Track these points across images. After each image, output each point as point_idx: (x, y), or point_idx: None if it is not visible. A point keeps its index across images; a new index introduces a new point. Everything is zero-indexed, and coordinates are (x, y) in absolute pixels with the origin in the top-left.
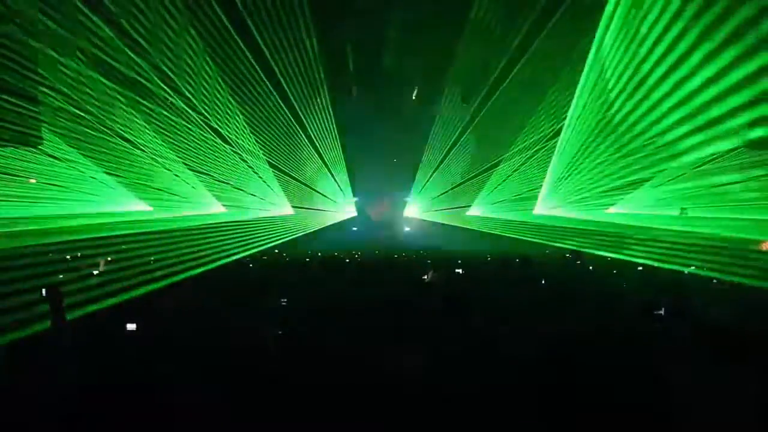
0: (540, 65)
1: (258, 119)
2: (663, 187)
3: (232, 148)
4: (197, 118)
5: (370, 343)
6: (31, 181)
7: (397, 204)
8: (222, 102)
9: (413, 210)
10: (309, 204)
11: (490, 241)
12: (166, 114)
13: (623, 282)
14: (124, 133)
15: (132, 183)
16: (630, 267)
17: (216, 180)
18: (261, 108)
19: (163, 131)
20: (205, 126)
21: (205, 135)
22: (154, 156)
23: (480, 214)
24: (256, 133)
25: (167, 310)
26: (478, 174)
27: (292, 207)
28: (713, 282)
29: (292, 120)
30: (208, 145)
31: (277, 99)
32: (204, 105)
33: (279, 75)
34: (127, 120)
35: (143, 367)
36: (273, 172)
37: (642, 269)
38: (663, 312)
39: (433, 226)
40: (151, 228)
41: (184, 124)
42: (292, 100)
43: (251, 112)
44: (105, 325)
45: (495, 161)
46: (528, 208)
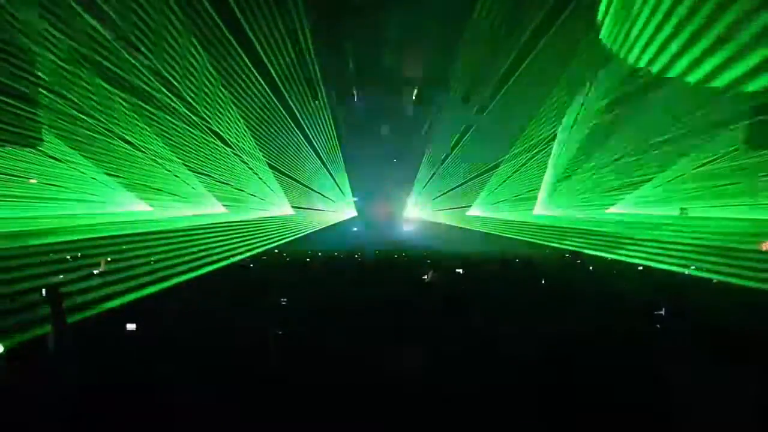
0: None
1: (257, 120)
2: (663, 187)
3: (232, 149)
4: (198, 120)
5: (370, 343)
6: (32, 181)
7: (397, 204)
8: (222, 104)
9: (413, 210)
10: (309, 204)
11: (490, 241)
12: (166, 115)
13: (623, 282)
14: (124, 135)
15: (132, 183)
16: (630, 267)
17: (216, 181)
18: (260, 109)
19: (164, 132)
20: (206, 128)
21: (206, 137)
22: (154, 157)
23: (480, 214)
24: (255, 135)
25: (167, 310)
26: (478, 175)
27: (292, 207)
28: (713, 282)
29: (290, 122)
30: (208, 146)
31: (276, 101)
32: (204, 107)
33: (278, 75)
34: (128, 121)
35: (143, 368)
36: (273, 173)
37: (642, 269)
38: (663, 312)
39: (433, 226)
40: (151, 228)
41: (184, 125)
42: (291, 101)
43: (251, 113)
44: (105, 326)
45: (495, 162)
46: (528, 208)
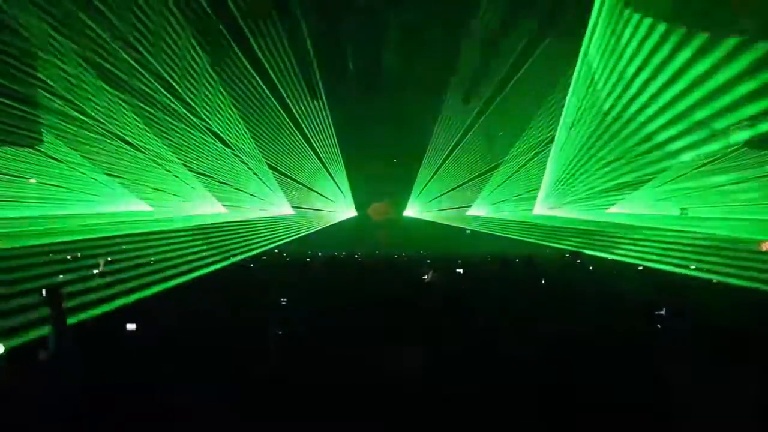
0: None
1: (257, 121)
2: (663, 188)
3: (232, 151)
4: (197, 121)
5: (370, 343)
6: (32, 181)
7: (397, 204)
8: (223, 105)
9: (413, 210)
10: (308, 204)
11: (490, 241)
12: (167, 116)
13: (623, 282)
14: (125, 136)
15: (133, 184)
16: (630, 267)
17: (216, 181)
18: (260, 110)
19: (164, 133)
20: (205, 128)
21: (205, 137)
22: (155, 158)
23: (480, 214)
24: (255, 136)
25: (167, 310)
26: (478, 175)
27: (291, 207)
28: (713, 282)
29: (290, 123)
30: (207, 147)
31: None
32: (205, 108)
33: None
34: (129, 122)
35: (143, 368)
36: (273, 173)
37: (642, 269)
38: (663, 312)
39: (433, 226)
40: (152, 228)
41: (184, 126)
42: (290, 102)
43: (250, 114)
44: (105, 326)
45: (495, 163)
46: (528, 208)
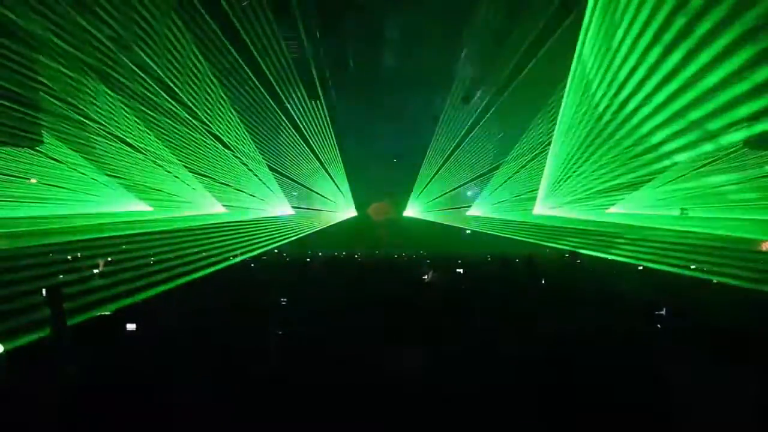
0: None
1: (255, 121)
2: (663, 188)
3: (232, 152)
4: (197, 122)
5: (370, 343)
6: (32, 181)
7: (397, 204)
8: (223, 106)
9: (413, 210)
10: (308, 204)
11: (490, 241)
12: (167, 117)
13: (623, 282)
14: (125, 137)
15: (133, 184)
16: (630, 267)
17: (216, 182)
18: (260, 110)
19: (164, 134)
20: (205, 129)
21: (205, 138)
22: (155, 158)
23: (480, 214)
24: (254, 136)
25: (167, 310)
26: (478, 176)
27: (291, 207)
28: (713, 282)
29: (289, 124)
30: (207, 147)
31: (274, 104)
32: (205, 109)
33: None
34: (129, 123)
35: (143, 368)
36: (273, 174)
37: (642, 269)
38: (664, 312)
39: (434, 225)
40: (152, 228)
41: (184, 126)
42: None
43: (250, 114)
44: (105, 326)
45: (495, 164)
46: (528, 208)
